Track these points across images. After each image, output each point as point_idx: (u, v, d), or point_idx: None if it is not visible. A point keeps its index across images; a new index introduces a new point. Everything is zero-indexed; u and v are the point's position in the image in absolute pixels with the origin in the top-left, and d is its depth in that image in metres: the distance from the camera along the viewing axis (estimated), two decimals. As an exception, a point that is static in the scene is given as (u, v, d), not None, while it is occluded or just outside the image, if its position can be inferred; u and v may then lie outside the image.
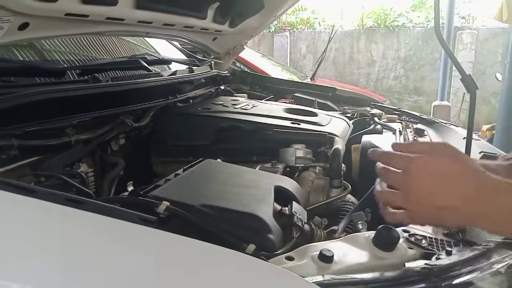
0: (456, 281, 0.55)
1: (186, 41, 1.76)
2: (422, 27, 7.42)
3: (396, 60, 7.47)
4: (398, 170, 0.61)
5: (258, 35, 7.42)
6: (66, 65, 1.29)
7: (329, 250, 0.60)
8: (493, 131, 4.09)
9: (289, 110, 1.54)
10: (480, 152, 1.37)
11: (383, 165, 0.64)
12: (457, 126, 1.77)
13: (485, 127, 4.68)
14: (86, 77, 1.21)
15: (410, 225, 0.78)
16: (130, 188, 0.72)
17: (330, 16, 8.28)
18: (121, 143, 1.30)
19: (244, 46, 2.14)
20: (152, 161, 1.39)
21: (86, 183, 0.99)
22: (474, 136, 1.70)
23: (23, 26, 0.93)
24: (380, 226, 0.67)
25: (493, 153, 1.38)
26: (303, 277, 0.52)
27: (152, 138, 1.39)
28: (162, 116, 1.41)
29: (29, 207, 0.49)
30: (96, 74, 1.21)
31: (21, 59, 1.21)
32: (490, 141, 3.56)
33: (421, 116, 1.82)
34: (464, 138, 1.65)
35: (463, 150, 0.78)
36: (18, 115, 0.93)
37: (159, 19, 1.31)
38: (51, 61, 1.30)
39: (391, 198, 0.62)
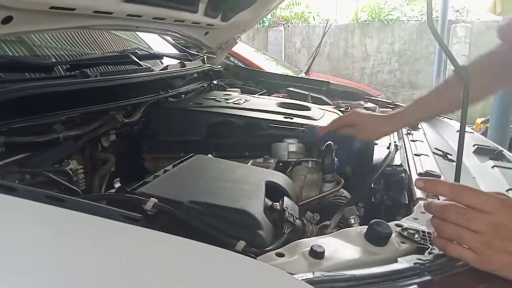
0: (449, 276, 0.54)
1: (178, 35, 1.74)
2: (416, 20, 7.41)
3: (390, 54, 7.47)
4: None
5: (252, 29, 7.40)
6: (54, 60, 1.27)
7: (320, 246, 0.59)
8: (487, 125, 4.10)
9: (282, 105, 1.53)
10: (474, 145, 1.37)
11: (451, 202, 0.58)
12: (451, 119, 1.77)
13: (479, 120, 4.69)
14: (74, 72, 1.19)
15: (403, 220, 0.78)
16: (117, 185, 0.71)
17: (324, 10, 8.26)
18: (111, 139, 1.28)
19: (237, 40, 2.12)
20: (143, 157, 1.37)
21: (73, 180, 0.97)
22: (468, 129, 1.70)
23: (6, 20, 0.91)
24: (372, 221, 0.66)
25: (487, 146, 1.38)
26: (293, 274, 0.51)
27: (144, 134, 1.38)
28: (153, 112, 1.39)
29: (7, 206, 0.47)
30: (85, 69, 1.19)
31: (11, 54, 1.19)
32: (484, 134, 3.57)
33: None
34: (458, 131, 1.65)
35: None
36: (5, 111, 0.91)
37: (148, 13, 1.29)
38: (39, 56, 1.27)
39: (463, 236, 0.55)
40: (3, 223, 0.45)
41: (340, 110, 1.69)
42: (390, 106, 1.85)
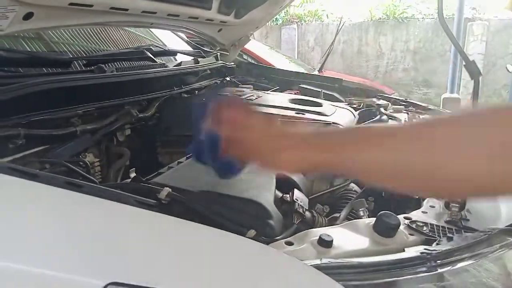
0: (455, 266, 0.55)
1: (191, 32, 1.76)
2: (432, 18, 7.31)
3: (405, 52, 7.39)
4: None
5: (266, 27, 7.38)
6: (72, 56, 1.30)
7: (328, 235, 0.60)
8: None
9: (294, 101, 1.54)
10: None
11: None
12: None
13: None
14: (91, 67, 1.22)
15: (412, 213, 0.79)
16: (133, 175, 0.73)
17: (338, 8, 8.21)
18: (127, 134, 1.31)
19: (250, 38, 2.14)
20: (157, 152, 1.40)
21: (90, 172, 1.00)
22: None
23: (27, 16, 0.94)
24: (380, 213, 0.68)
25: None
26: (301, 260, 0.52)
27: (158, 128, 1.40)
28: (167, 107, 1.41)
29: (31, 190, 0.50)
30: (102, 65, 1.22)
31: (29, 50, 1.22)
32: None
33: (428, 106, 1.81)
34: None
35: None
36: (25, 105, 0.94)
37: (163, 9, 1.31)
38: (56, 52, 1.31)
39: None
40: (25, 206, 0.48)
41: (352, 107, 1.69)
42: (402, 103, 1.85)
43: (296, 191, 0.79)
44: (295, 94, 1.96)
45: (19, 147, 0.90)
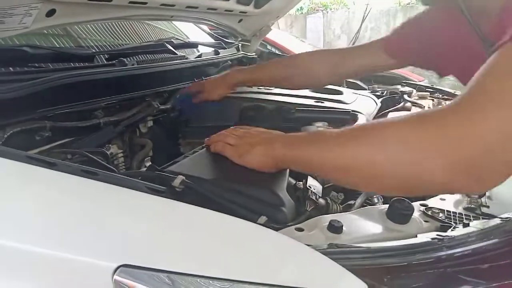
0: (467, 252, 0.54)
1: (212, 23, 1.77)
2: (464, 1, 7.02)
3: (436, 38, 7.15)
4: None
5: (290, 16, 7.29)
6: (94, 51, 1.34)
7: (338, 221, 0.60)
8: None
9: (314, 89, 1.53)
10: None
11: None
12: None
13: None
14: (113, 61, 1.25)
15: (430, 200, 0.78)
16: (148, 163, 0.75)
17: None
18: (149, 125, 1.34)
19: (275, 28, 2.12)
20: (179, 143, 1.43)
21: (110, 161, 1.03)
22: None
23: (50, 13, 0.98)
24: (394, 199, 0.67)
25: None
26: (309, 246, 0.53)
27: (179, 120, 1.43)
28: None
29: (48, 177, 0.52)
30: (123, 58, 1.25)
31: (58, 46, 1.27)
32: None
33: (455, 92, 1.76)
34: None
35: None
36: (50, 98, 0.98)
37: (181, 2, 1.33)
38: (84, 47, 1.35)
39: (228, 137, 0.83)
40: (42, 192, 0.50)
41: (375, 95, 1.66)
42: (428, 89, 1.80)
43: (310, 179, 0.79)
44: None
45: (46, 139, 0.94)
